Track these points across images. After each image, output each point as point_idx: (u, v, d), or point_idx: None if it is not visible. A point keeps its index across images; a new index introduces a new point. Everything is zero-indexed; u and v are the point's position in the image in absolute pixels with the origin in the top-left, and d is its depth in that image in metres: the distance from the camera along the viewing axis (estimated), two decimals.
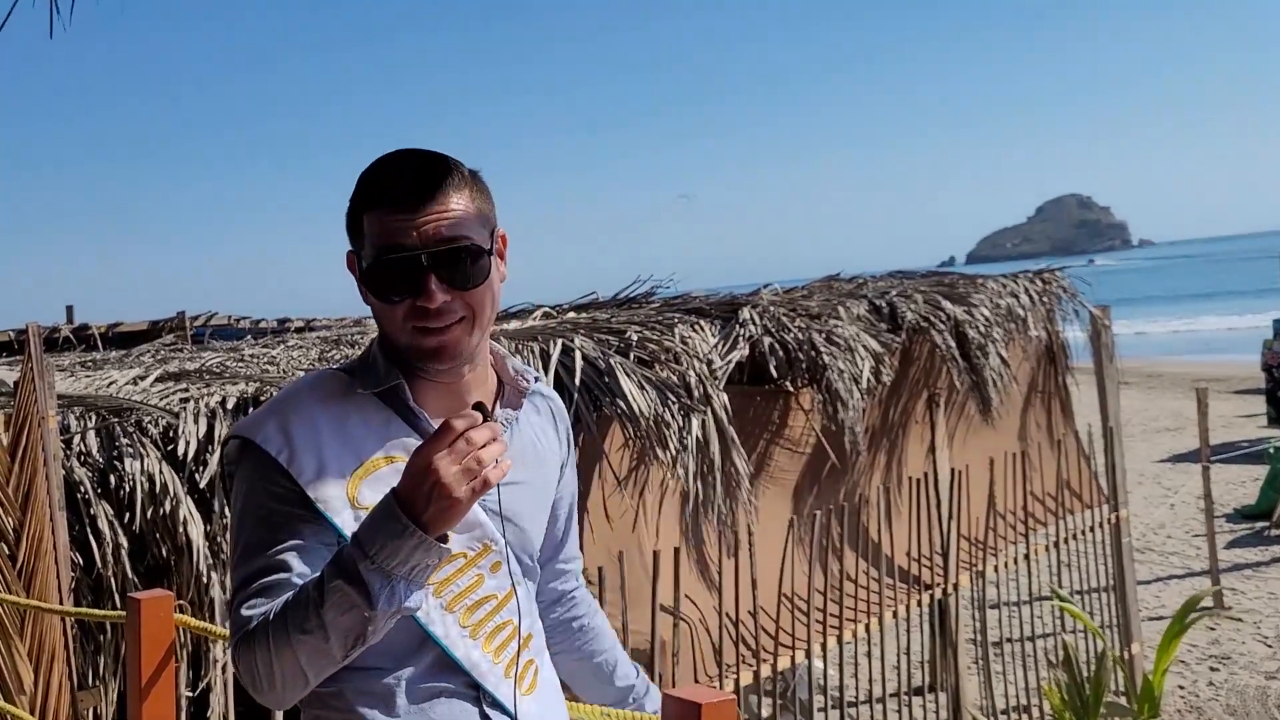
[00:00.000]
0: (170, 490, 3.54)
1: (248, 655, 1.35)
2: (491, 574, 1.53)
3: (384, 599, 1.27)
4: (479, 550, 1.52)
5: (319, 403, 1.49)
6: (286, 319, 9.13)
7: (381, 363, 1.51)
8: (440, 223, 1.42)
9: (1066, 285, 6.95)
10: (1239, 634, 7.45)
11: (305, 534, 1.42)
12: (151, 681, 2.85)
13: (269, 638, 1.33)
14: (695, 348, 4.45)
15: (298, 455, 1.44)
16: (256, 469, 1.45)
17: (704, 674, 4.10)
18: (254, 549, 1.41)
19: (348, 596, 1.27)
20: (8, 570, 3.42)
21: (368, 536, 1.28)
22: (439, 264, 1.41)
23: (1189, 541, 10.05)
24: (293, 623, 1.31)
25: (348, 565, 1.28)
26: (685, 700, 1.53)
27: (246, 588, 1.40)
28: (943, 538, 5.21)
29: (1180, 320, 50.08)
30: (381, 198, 1.43)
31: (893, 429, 5.61)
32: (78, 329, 8.53)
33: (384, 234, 1.42)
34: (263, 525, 1.42)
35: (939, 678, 5.87)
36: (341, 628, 1.29)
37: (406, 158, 1.45)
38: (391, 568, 1.26)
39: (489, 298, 1.47)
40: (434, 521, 1.26)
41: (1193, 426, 12.09)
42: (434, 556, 1.29)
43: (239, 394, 3.87)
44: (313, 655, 1.32)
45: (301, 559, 1.40)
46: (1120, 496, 6.34)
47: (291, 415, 1.46)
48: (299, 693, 1.38)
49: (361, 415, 1.49)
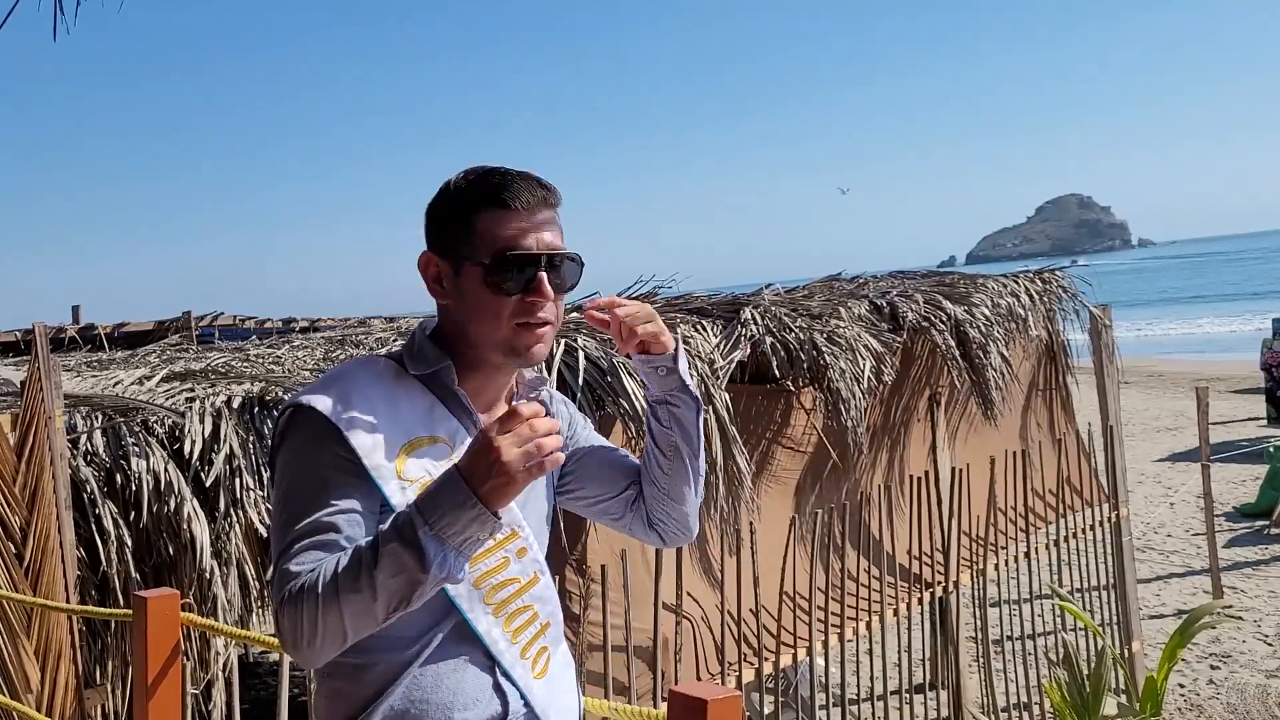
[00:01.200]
0: (176, 489, 3.56)
1: (293, 610, 1.41)
2: (517, 559, 1.63)
3: (437, 564, 1.35)
4: (507, 535, 1.63)
5: (374, 381, 1.61)
6: (292, 319, 9.16)
7: (430, 350, 1.63)
8: (550, 231, 1.61)
9: (1067, 285, 6.96)
10: (1239, 632, 7.47)
11: (355, 498, 1.51)
12: (158, 679, 2.87)
13: (318, 594, 1.40)
14: (697, 347, 4.47)
15: (355, 424, 1.54)
16: (315, 434, 1.53)
17: (706, 671, 4.12)
18: (306, 509, 1.49)
19: (401, 560, 1.35)
20: (14, 569, 3.45)
21: (428, 504, 1.37)
22: (552, 267, 1.59)
23: (1189, 540, 10.07)
24: (343, 581, 1.39)
25: (405, 530, 1.36)
26: (691, 697, 1.55)
27: (295, 544, 1.47)
28: (943, 536, 5.23)
29: (1180, 320, 50.05)
30: (502, 201, 1.58)
31: (894, 428, 5.62)
32: (84, 329, 8.55)
33: (504, 234, 1.57)
34: (316, 487, 1.51)
35: (940, 675, 5.88)
36: (390, 589, 1.37)
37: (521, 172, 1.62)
38: (448, 536, 1.35)
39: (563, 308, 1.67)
40: (491, 496, 1.35)
41: (1193, 425, 12.10)
42: (487, 530, 1.38)
43: (244, 394, 3.90)
44: (357, 614, 1.39)
45: (349, 522, 1.49)
46: (1120, 495, 6.36)
47: (351, 389, 1.58)
48: (334, 651, 1.44)
49: (409, 397, 1.61)
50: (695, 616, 4.18)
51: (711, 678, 4.10)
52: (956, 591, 5.33)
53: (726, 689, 1.56)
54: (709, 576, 4.42)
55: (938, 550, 5.23)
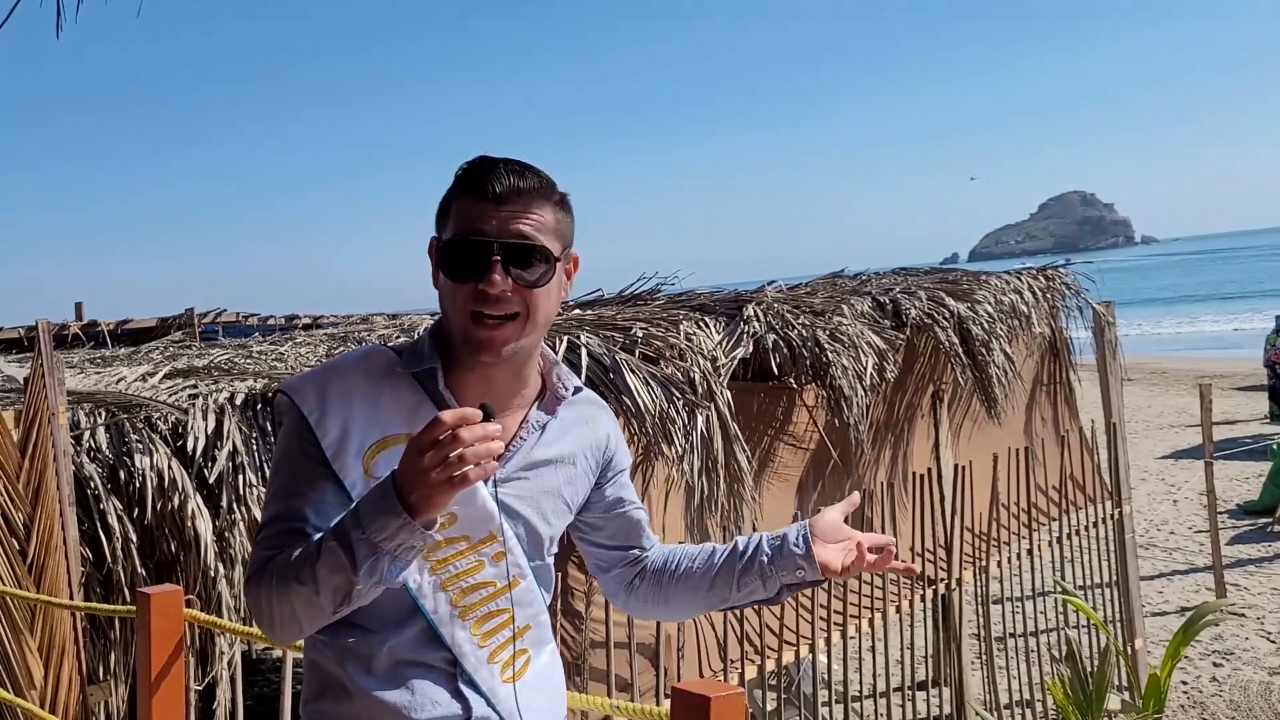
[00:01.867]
0: (179, 486, 3.57)
1: (255, 592, 1.49)
2: (493, 562, 1.61)
3: (366, 568, 1.38)
4: (484, 537, 1.60)
5: (360, 375, 1.60)
6: (294, 316, 9.16)
7: (427, 347, 1.61)
8: (519, 221, 1.54)
9: (1070, 282, 6.96)
10: (1242, 629, 7.46)
11: (323, 489, 1.54)
12: (161, 676, 2.88)
13: (274, 580, 1.46)
14: (700, 345, 4.46)
15: (326, 419, 1.56)
16: (291, 424, 1.58)
17: (708, 668, 4.13)
18: (280, 495, 1.56)
19: (338, 559, 1.39)
20: (18, 565, 3.45)
21: (365, 509, 1.39)
22: (508, 255, 1.52)
23: (1192, 537, 10.06)
24: (293, 572, 1.44)
25: (344, 532, 1.40)
26: (694, 694, 1.55)
27: (268, 530, 1.54)
28: (946, 533, 5.23)
29: (1183, 317, 49.99)
30: (474, 188, 1.55)
31: (897, 425, 5.62)
32: (87, 326, 8.56)
33: (467, 219, 1.54)
34: (290, 475, 1.56)
35: (942, 673, 5.88)
36: (330, 585, 1.41)
37: (507, 160, 1.58)
38: (379, 541, 1.37)
39: (546, 304, 1.58)
40: (418, 506, 1.35)
41: (1195, 423, 12.09)
42: (418, 539, 1.38)
43: (247, 391, 3.90)
44: (306, 605, 1.44)
45: (317, 512, 1.53)
46: (1124, 492, 6.36)
47: (331, 382, 1.59)
48: (295, 635, 1.51)
49: (395, 393, 1.60)
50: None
51: (714, 675, 4.11)
52: (959, 588, 5.33)
53: (729, 686, 1.56)
54: None
55: (940, 547, 5.23)
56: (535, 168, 1.59)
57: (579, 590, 3.87)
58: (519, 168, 1.57)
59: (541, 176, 1.58)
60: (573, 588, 3.88)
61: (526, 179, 1.56)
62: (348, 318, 9.07)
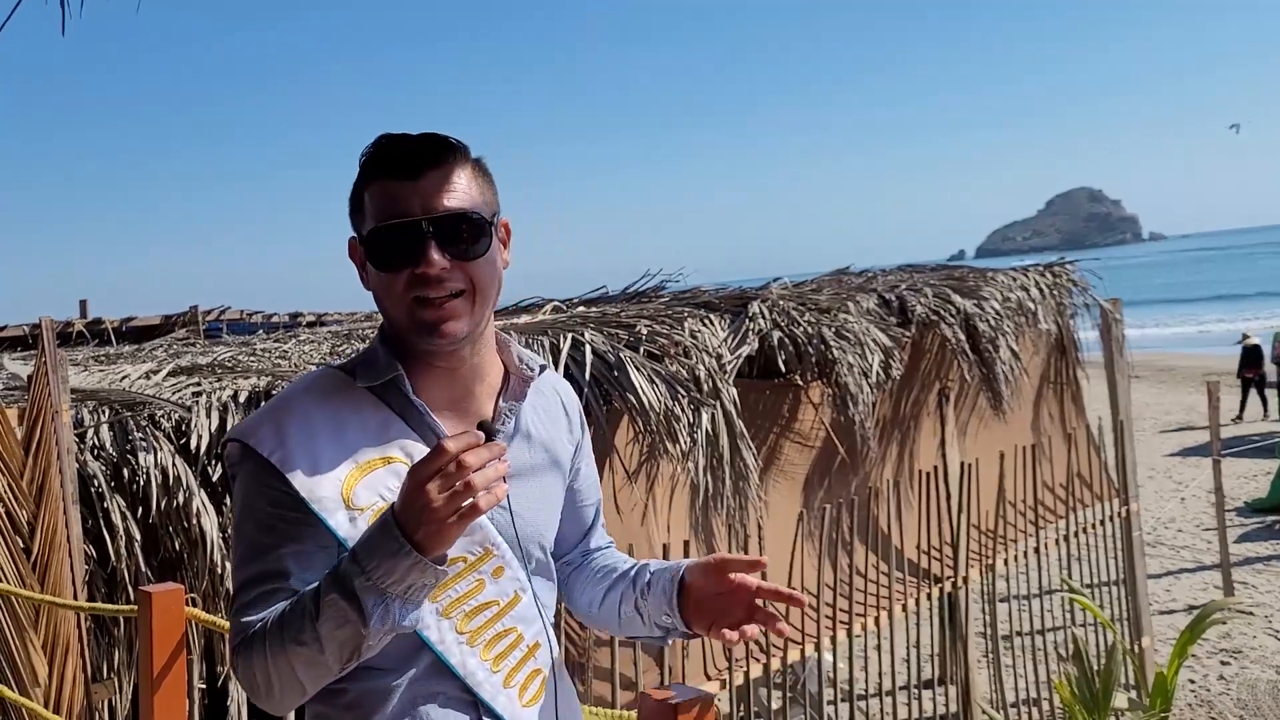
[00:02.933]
0: (183, 483, 3.56)
1: (246, 663, 1.34)
2: (493, 579, 1.48)
3: (378, 617, 1.25)
4: (479, 555, 1.48)
5: (315, 403, 1.45)
6: (298, 313, 9.16)
7: (382, 355, 1.47)
8: (442, 193, 1.41)
9: (1077, 278, 6.93)
10: (1250, 628, 7.43)
11: (303, 537, 1.39)
12: (163, 674, 2.87)
13: (266, 646, 1.31)
14: (705, 342, 4.45)
15: (291, 456, 1.40)
16: (252, 472, 1.41)
17: (713, 667, 4.11)
18: (252, 554, 1.39)
19: (343, 612, 1.25)
20: (22, 563, 3.45)
21: (365, 553, 1.25)
22: (440, 231, 1.39)
23: (1199, 535, 10.03)
24: (289, 633, 1.29)
25: (344, 581, 1.25)
26: (661, 702, 1.51)
27: (245, 594, 1.38)
28: (953, 531, 5.21)
29: (1191, 315, 49.85)
30: (384, 169, 1.42)
31: (903, 422, 5.60)
32: (91, 323, 8.57)
33: (386, 203, 1.40)
34: (260, 530, 1.40)
35: (949, 671, 5.86)
36: (336, 641, 1.27)
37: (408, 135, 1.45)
38: (387, 586, 1.24)
39: (490, 275, 1.45)
40: (427, 543, 1.22)
41: (1203, 420, 12.04)
42: (430, 577, 1.26)
43: (251, 388, 3.89)
44: (308, 666, 1.30)
45: (299, 564, 1.38)
46: (1131, 490, 6.33)
47: (286, 416, 1.43)
48: (296, 701, 1.36)
49: (359, 415, 1.45)
50: None
51: (719, 673, 4.09)
52: (966, 586, 5.31)
53: (698, 689, 1.53)
54: None
55: (947, 545, 5.21)
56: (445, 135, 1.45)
57: None
58: (429, 137, 1.44)
59: (449, 140, 1.45)
60: None
61: (436, 145, 1.43)
62: (352, 315, 9.06)
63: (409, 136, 1.44)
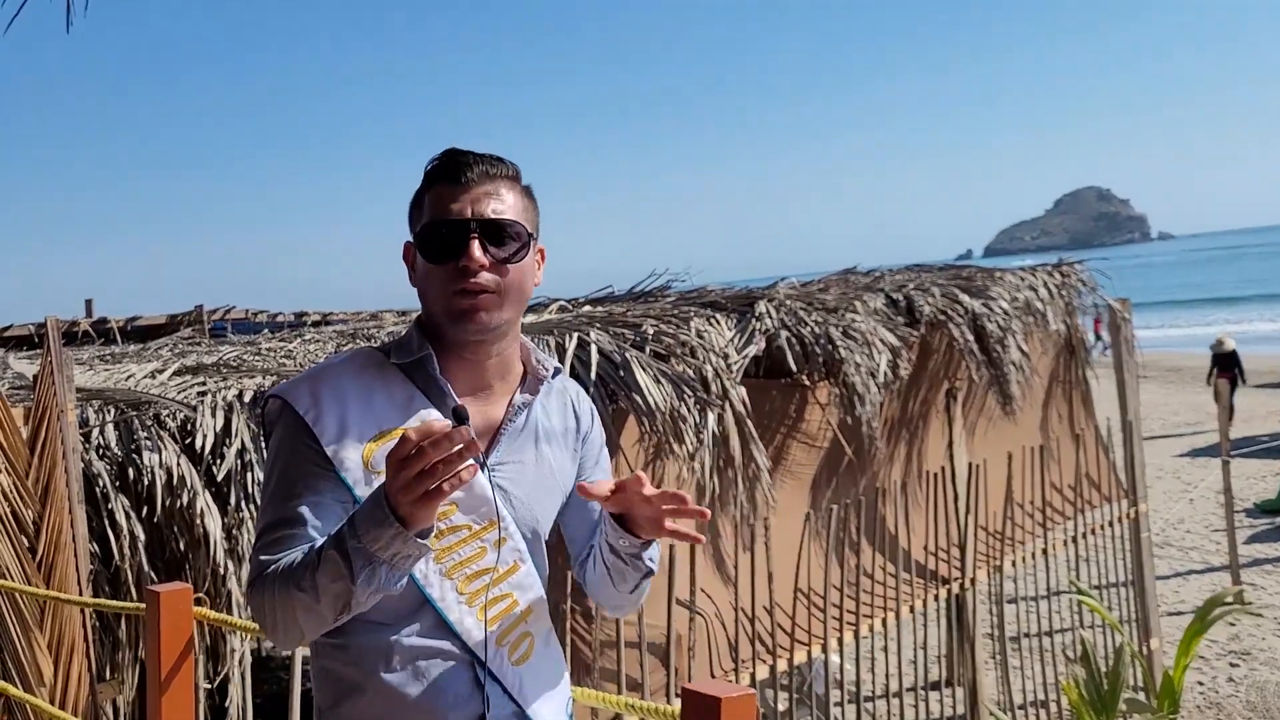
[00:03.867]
0: (188, 483, 3.56)
1: (257, 599, 1.51)
2: (494, 548, 1.64)
3: (363, 578, 1.39)
4: (484, 525, 1.63)
5: (351, 373, 1.63)
6: (303, 313, 9.16)
7: (415, 338, 1.65)
8: (490, 202, 1.60)
9: (1086, 278, 6.90)
10: (1259, 629, 7.39)
11: (323, 490, 1.56)
12: (170, 674, 2.86)
13: (275, 587, 1.47)
14: (711, 342, 4.43)
15: (323, 417, 1.58)
16: (287, 427, 1.59)
17: (720, 668, 4.10)
18: (277, 500, 1.56)
19: (337, 567, 1.40)
20: (27, 562, 3.44)
21: (360, 519, 1.39)
22: (484, 233, 1.58)
23: (1208, 536, 9.99)
24: (294, 579, 1.45)
25: (342, 540, 1.40)
26: (705, 694, 1.52)
27: (266, 535, 1.54)
28: (960, 532, 5.19)
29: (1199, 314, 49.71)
30: (445, 176, 1.61)
31: (911, 423, 5.58)
32: (97, 323, 8.58)
33: (440, 204, 1.60)
34: (287, 479, 1.57)
35: (956, 673, 5.84)
36: (331, 593, 1.42)
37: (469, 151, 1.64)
38: (374, 550, 1.38)
39: (521, 282, 1.62)
40: (408, 517, 1.35)
41: (1212, 420, 12.00)
42: (412, 548, 1.39)
43: (256, 388, 3.89)
44: (306, 612, 1.45)
45: (317, 513, 1.54)
46: (1139, 491, 6.30)
47: (323, 382, 1.61)
48: (297, 640, 1.52)
49: (388, 388, 1.63)
50: (709, 613, 4.15)
51: (725, 674, 4.08)
52: (973, 588, 5.29)
53: (740, 687, 1.54)
54: (723, 572, 4.39)
55: (954, 546, 5.18)
56: (502, 157, 1.65)
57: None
58: (486, 155, 1.63)
59: (508, 164, 1.65)
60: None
61: (494, 165, 1.63)
62: (357, 314, 9.07)
63: (470, 151, 1.63)
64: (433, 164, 1.64)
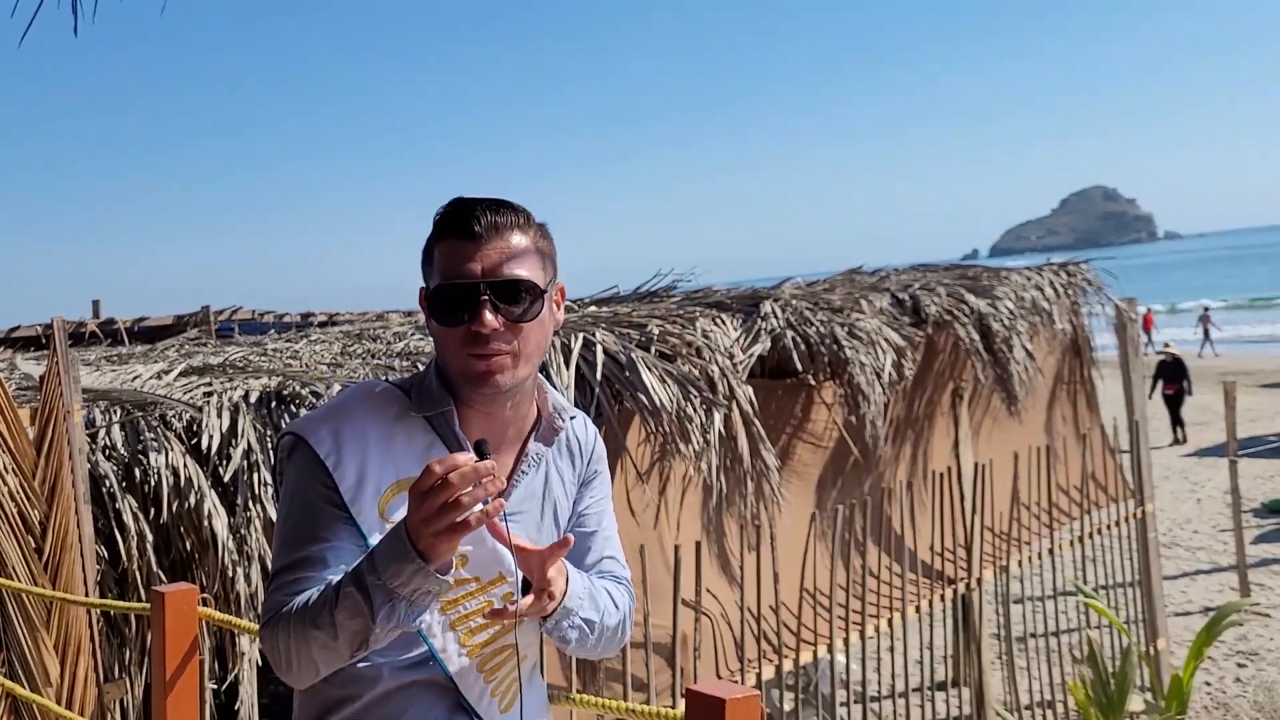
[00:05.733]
0: (194, 484, 3.56)
1: (272, 639, 1.50)
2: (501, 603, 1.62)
3: (384, 615, 1.39)
4: (493, 578, 1.63)
5: (372, 415, 1.61)
6: (310, 313, 9.17)
7: (436, 388, 1.62)
8: (502, 257, 1.55)
9: (1092, 277, 6.89)
10: (1267, 630, 7.37)
11: (341, 533, 1.55)
12: (176, 674, 2.86)
13: (290, 626, 1.47)
14: (717, 341, 4.43)
15: (343, 461, 1.56)
16: (305, 467, 1.57)
17: (725, 668, 4.09)
18: (294, 541, 1.55)
19: (357, 605, 1.39)
20: (34, 563, 3.45)
21: (380, 556, 1.39)
22: (496, 294, 1.54)
23: (1215, 536, 9.96)
24: (310, 618, 1.45)
25: (361, 578, 1.40)
26: (710, 695, 1.52)
27: (283, 576, 1.54)
28: (966, 532, 5.18)
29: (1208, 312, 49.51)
30: (452, 230, 1.57)
31: (916, 423, 5.57)
32: (103, 323, 8.59)
33: (450, 263, 1.56)
34: (304, 519, 1.56)
35: (962, 673, 5.83)
36: (349, 630, 1.41)
37: (479, 199, 1.59)
38: (394, 587, 1.37)
39: (538, 336, 1.59)
40: (429, 553, 1.35)
41: (1219, 420, 11.97)
42: (432, 584, 1.38)
43: (262, 389, 3.89)
44: (323, 649, 1.45)
45: (334, 556, 1.53)
46: (1146, 491, 6.29)
47: (344, 423, 1.59)
48: (310, 679, 1.52)
49: (408, 436, 1.61)
50: (714, 613, 4.15)
51: (731, 675, 4.07)
52: (979, 588, 5.28)
53: (745, 688, 1.53)
54: (728, 573, 4.39)
55: (960, 546, 5.18)
56: (511, 202, 1.60)
57: None
58: (495, 204, 1.58)
59: (518, 210, 1.60)
60: None
61: (504, 215, 1.57)
62: (363, 315, 9.07)
63: (479, 200, 1.59)
64: (442, 213, 1.60)
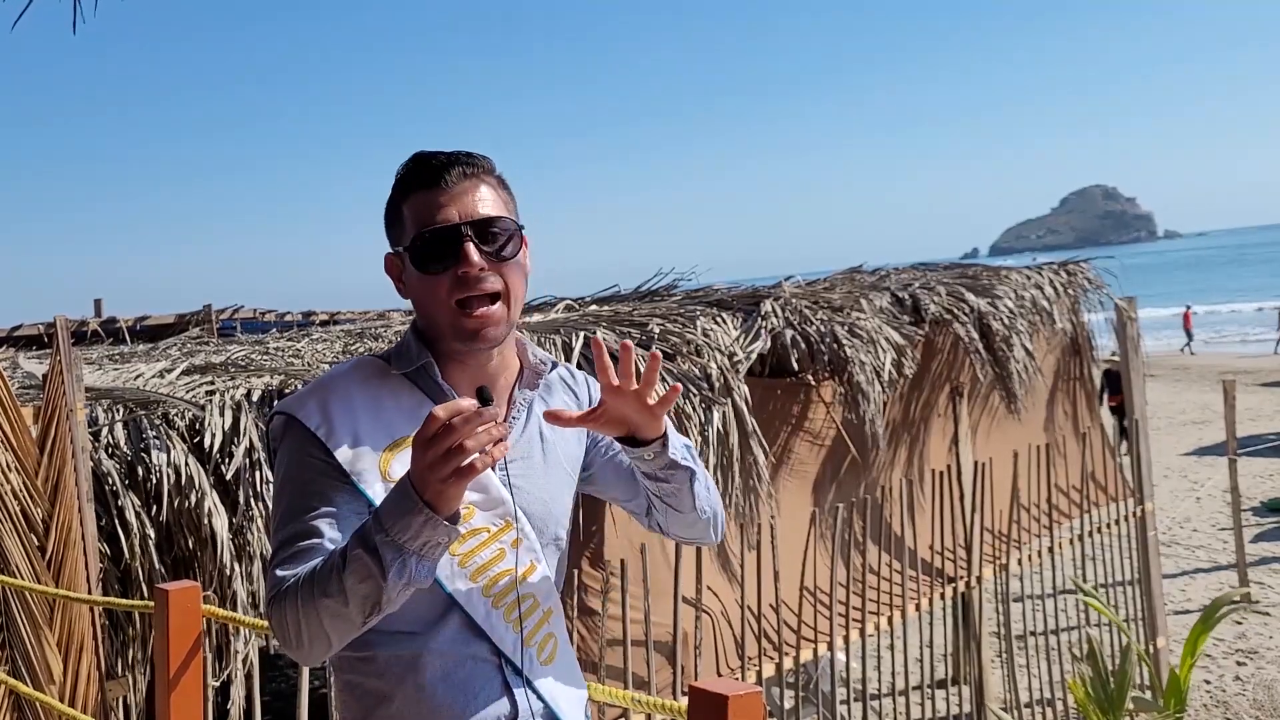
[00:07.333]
0: (196, 483, 3.57)
1: (279, 613, 1.46)
2: (513, 549, 1.62)
3: (395, 571, 1.36)
4: (501, 526, 1.62)
5: (356, 384, 1.62)
6: (311, 312, 9.19)
7: (414, 346, 1.63)
8: (475, 201, 1.57)
9: (1092, 276, 6.90)
10: (1266, 628, 7.38)
11: (338, 502, 1.53)
12: (179, 671, 2.88)
13: (298, 598, 1.43)
14: (717, 340, 4.44)
15: (335, 431, 1.56)
16: (297, 442, 1.57)
17: (726, 666, 4.11)
18: (292, 515, 1.53)
19: (366, 565, 1.37)
20: (37, 560, 3.46)
21: (385, 512, 1.37)
22: (477, 233, 1.55)
23: (1215, 535, 9.97)
24: (319, 586, 1.41)
25: (368, 537, 1.37)
26: (712, 692, 1.53)
27: (283, 550, 1.51)
28: (966, 531, 5.19)
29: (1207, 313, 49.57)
30: (420, 183, 1.58)
31: (916, 422, 5.58)
32: (106, 322, 8.61)
33: (425, 213, 1.56)
34: (300, 494, 1.54)
35: (962, 671, 5.84)
36: (359, 594, 1.38)
37: (441, 151, 1.60)
38: (403, 541, 1.35)
39: (520, 278, 1.60)
40: (436, 501, 1.34)
41: (1219, 419, 11.98)
42: (442, 534, 1.37)
43: (264, 387, 3.90)
44: (334, 618, 1.41)
45: (334, 526, 1.51)
46: (1146, 489, 6.30)
47: (330, 394, 1.59)
48: (323, 652, 1.48)
49: (395, 397, 1.61)
50: (715, 611, 4.16)
51: (731, 673, 4.08)
52: (979, 586, 5.29)
53: (747, 685, 1.55)
54: (728, 571, 4.40)
55: (960, 545, 5.19)
56: (472, 152, 1.62)
57: (595, 589, 3.86)
58: (458, 154, 1.60)
59: (482, 159, 1.62)
60: (588, 585, 3.86)
61: (467, 160, 1.59)
62: (364, 314, 9.09)
63: (440, 153, 1.60)
64: (405, 170, 1.60)
